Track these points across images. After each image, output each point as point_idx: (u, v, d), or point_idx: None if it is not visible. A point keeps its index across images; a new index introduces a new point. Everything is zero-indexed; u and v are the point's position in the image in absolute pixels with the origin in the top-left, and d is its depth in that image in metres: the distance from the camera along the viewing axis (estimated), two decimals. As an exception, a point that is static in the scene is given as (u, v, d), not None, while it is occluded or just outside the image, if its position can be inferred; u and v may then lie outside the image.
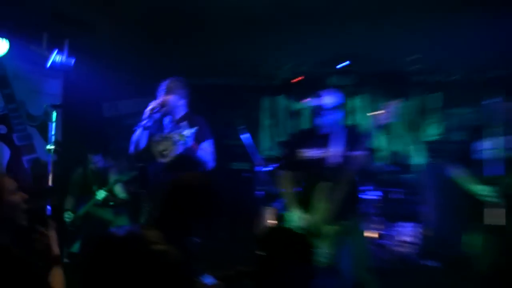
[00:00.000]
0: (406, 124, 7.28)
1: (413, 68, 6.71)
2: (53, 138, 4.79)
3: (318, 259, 3.41)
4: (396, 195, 6.70)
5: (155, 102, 4.00)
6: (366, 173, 4.17)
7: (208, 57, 7.57)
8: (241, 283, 2.43)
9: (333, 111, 3.74)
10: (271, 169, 6.96)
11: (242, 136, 6.85)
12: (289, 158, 3.90)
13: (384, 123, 3.60)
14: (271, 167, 6.96)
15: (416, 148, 7.22)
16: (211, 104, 7.76)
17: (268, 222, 6.78)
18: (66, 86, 6.38)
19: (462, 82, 6.63)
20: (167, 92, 4.02)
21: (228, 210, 4.16)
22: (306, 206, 3.63)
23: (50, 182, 4.63)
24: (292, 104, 7.98)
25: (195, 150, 3.90)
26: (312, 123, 3.86)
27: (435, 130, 7.04)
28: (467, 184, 3.80)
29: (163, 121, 4.11)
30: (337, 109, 3.77)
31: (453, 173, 3.98)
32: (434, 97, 7.11)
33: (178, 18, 6.92)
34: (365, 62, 6.94)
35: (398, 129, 7.34)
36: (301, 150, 3.78)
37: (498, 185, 3.61)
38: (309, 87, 7.37)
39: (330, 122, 3.76)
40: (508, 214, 3.53)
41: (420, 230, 6.11)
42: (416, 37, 6.44)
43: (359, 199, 4.02)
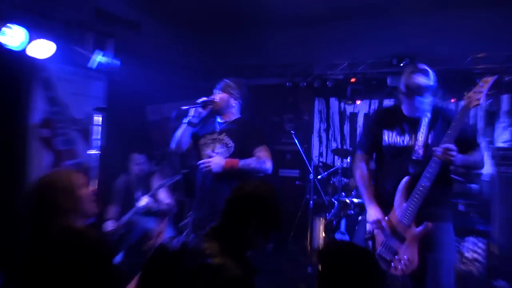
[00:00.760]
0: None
1: (479, 67, 6.47)
2: (97, 143, 4.85)
3: (394, 272, 3.14)
4: (460, 207, 6.45)
5: (206, 98, 3.89)
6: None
7: (258, 57, 7.58)
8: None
9: (427, 91, 3.22)
10: (323, 177, 6.91)
11: (293, 141, 6.83)
12: (369, 137, 3.50)
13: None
14: (323, 175, 6.89)
15: (484, 155, 6.93)
16: (260, 106, 7.74)
17: (321, 234, 6.68)
18: (111, 89, 6.46)
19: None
20: (224, 90, 3.90)
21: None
22: (386, 204, 3.28)
23: (93, 189, 4.69)
24: (346, 107, 7.89)
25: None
26: (400, 103, 3.38)
27: (506, 135, 6.78)
28: None
29: (214, 121, 4.01)
30: (431, 89, 3.25)
31: None
32: (504, 99, 6.83)
33: (229, 18, 6.96)
34: (425, 61, 6.71)
35: None
36: (385, 130, 3.38)
37: None
38: (365, 89, 7.29)
39: (422, 103, 3.24)
40: None
41: (487, 246, 5.84)
42: (482, 32, 6.22)
43: (451, 201, 3.53)
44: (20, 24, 4.79)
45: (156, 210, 5.45)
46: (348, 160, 6.97)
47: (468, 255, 5.85)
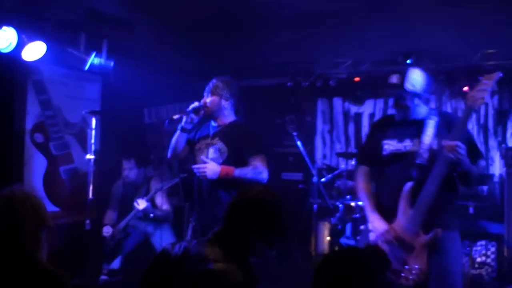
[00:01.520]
0: (482, 128, 7.04)
1: (490, 63, 6.44)
2: (93, 147, 4.88)
3: (406, 282, 3.13)
4: (470, 210, 6.43)
5: (197, 103, 3.90)
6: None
7: (257, 56, 7.53)
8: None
9: (424, 93, 3.34)
10: (327, 180, 6.90)
11: (295, 143, 6.80)
12: (369, 150, 3.59)
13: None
14: (328, 178, 6.89)
15: (494, 155, 6.96)
16: (260, 108, 7.79)
17: (326, 239, 6.68)
18: (105, 91, 6.49)
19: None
20: (213, 92, 3.91)
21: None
22: (389, 213, 3.31)
23: (90, 194, 4.73)
24: (351, 107, 7.89)
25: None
26: (398, 109, 3.44)
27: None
28: None
29: (208, 125, 4.04)
30: (428, 92, 3.38)
31: None
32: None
33: (224, 15, 6.94)
34: (431, 59, 6.76)
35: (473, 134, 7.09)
36: (384, 141, 3.44)
37: None
38: (369, 88, 7.30)
39: (419, 107, 3.35)
40: None
41: (498, 250, 5.86)
42: (492, 29, 6.19)
43: (454, 206, 3.48)
44: (10, 26, 4.81)
45: (154, 216, 5.50)
46: (353, 163, 6.94)
47: (479, 259, 5.89)
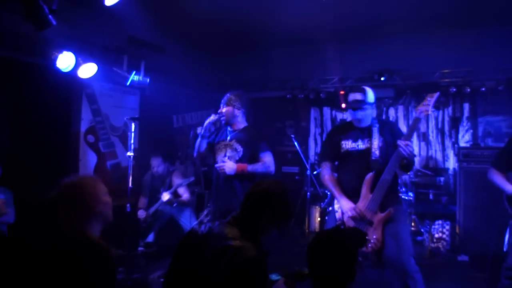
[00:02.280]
0: (440, 132, 7.10)
1: (445, 80, 6.50)
2: (132, 146, 4.93)
3: (365, 250, 3.26)
4: (430, 196, 6.53)
5: (214, 115, 3.93)
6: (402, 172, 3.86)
7: (263, 73, 7.62)
8: (302, 281, 2.37)
9: (371, 105, 3.47)
10: (318, 172, 6.94)
11: (293, 143, 6.87)
12: (330, 149, 3.64)
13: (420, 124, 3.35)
14: (318, 171, 6.93)
15: (449, 153, 7.02)
16: (266, 115, 7.81)
17: (317, 219, 6.73)
18: (143, 101, 6.49)
19: (493, 92, 6.42)
20: (227, 104, 3.93)
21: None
22: (353, 196, 3.40)
23: (130, 184, 4.79)
24: (337, 114, 7.90)
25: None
26: (354, 117, 3.57)
27: (467, 137, 6.84)
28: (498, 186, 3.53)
29: (226, 130, 4.03)
30: (374, 104, 3.51)
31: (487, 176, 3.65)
32: (466, 107, 6.90)
33: (238, 40, 7.04)
34: (401, 76, 6.79)
35: (433, 136, 7.16)
36: (343, 141, 3.54)
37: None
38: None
39: (368, 116, 3.48)
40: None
41: (452, 228, 5.90)
42: (448, 51, 6.30)
43: (399, 190, 3.68)
44: (69, 50, 4.84)
45: (177, 204, 5.52)
46: None
47: (437, 235, 5.92)
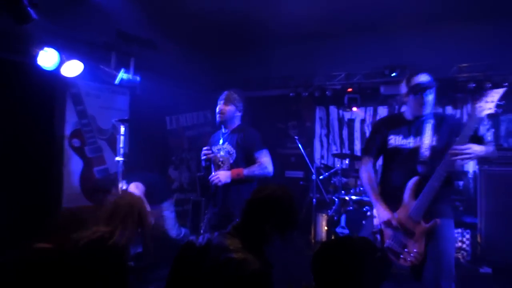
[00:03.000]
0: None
1: (463, 75, 6.44)
2: (121, 150, 4.93)
3: (404, 263, 3.14)
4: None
5: (207, 152, 3.94)
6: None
7: (264, 71, 7.61)
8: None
9: (430, 87, 3.23)
10: (325, 177, 6.90)
11: (297, 146, 6.83)
12: (374, 142, 3.47)
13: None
14: (325, 175, 6.90)
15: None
16: (267, 115, 7.81)
17: (324, 229, 6.68)
18: (133, 102, 6.51)
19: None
20: (230, 101, 3.94)
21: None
22: (394, 201, 3.25)
23: (119, 191, 4.75)
24: (344, 114, 7.90)
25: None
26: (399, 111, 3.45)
27: (488, 137, 6.79)
28: None
29: (219, 132, 4.07)
30: (433, 86, 3.26)
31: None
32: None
33: (236, 35, 6.99)
34: (413, 72, 6.75)
35: None
36: (390, 137, 3.38)
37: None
38: (361, 97, 7.31)
39: (427, 101, 3.23)
40: None
41: (473, 237, 5.78)
42: (466, 44, 6.25)
43: (452, 199, 3.33)
44: (52, 47, 4.84)
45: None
46: (347, 162, 6.96)
47: (456, 245, 5.84)
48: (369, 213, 3.91)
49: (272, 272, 2.21)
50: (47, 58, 4.78)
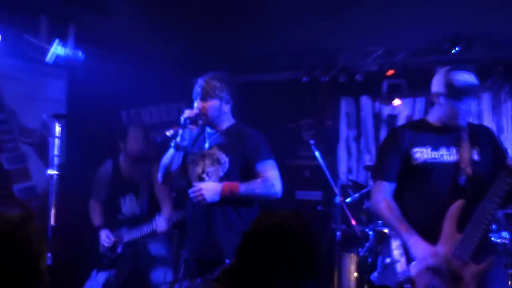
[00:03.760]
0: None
1: None
2: (56, 160, 4.86)
3: None
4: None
5: (191, 111, 3.97)
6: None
7: (265, 45, 7.53)
8: None
9: (477, 91, 3.59)
10: (354, 200, 6.88)
11: (313, 154, 6.77)
12: (393, 162, 3.66)
13: None
14: (354, 198, 6.86)
15: None
16: (269, 109, 7.85)
17: (353, 275, 6.69)
18: (72, 89, 6.54)
19: None
20: (210, 95, 3.97)
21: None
22: (428, 235, 3.41)
23: (52, 220, 4.69)
24: (383, 108, 7.90)
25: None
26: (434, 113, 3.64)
27: None
28: None
29: (203, 132, 4.14)
30: (474, 94, 3.57)
31: None
32: None
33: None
34: (486, 46, 6.80)
35: None
36: (414, 149, 3.58)
37: None
38: (407, 83, 7.26)
39: (469, 108, 3.55)
40: None
41: None
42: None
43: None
44: None
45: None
46: None
47: None
48: (388, 260, 4.01)
49: None
50: None
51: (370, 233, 6.57)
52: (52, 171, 4.85)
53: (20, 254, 2.26)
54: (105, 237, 5.60)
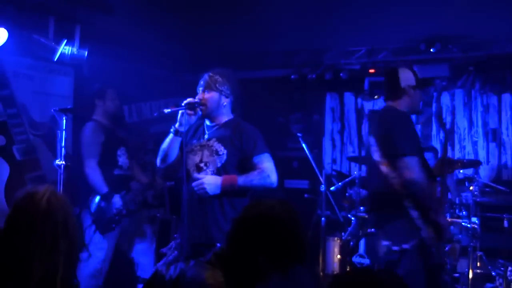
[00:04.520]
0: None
1: None
2: (63, 151, 4.87)
3: None
4: (504, 223, 6.46)
5: (193, 99, 3.94)
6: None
7: (257, 43, 7.56)
8: None
9: (428, 86, 3.85)
10: (338, 189, 6.94)
11: (301, 146, 6.83)
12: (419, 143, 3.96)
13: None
14: (338, 186, 6.93)
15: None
16: (260, 104, 7.78)
17: (337, 257, 6.66)
18: (78, 85, 6.47)
19: None
20: (211, 87, 3.96)
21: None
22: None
23: None
24: (364, 103, 7.95)
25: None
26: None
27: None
28: None
29: (202, 124, 4.11)
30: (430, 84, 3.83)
31: None
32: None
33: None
34: (462, 46, 6.81)
35: (508, 135, 7.20)
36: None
37: None
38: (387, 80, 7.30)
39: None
40: None
41: None
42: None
43: None
44: None
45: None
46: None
47: None
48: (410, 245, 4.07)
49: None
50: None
51: (352, 219, 6.62)
52: (60, 162, 4.86)
53: (49, 221, 2.28)
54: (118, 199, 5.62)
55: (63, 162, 4.88)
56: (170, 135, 3.97)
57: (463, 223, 6.07)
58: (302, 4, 6.90)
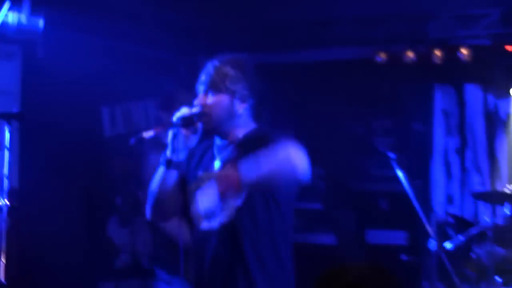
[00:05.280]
0: None
1: None
2: (5, 182, 4.90)
3: None
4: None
5: (189, 109, 3.93)
6: None
7: (315, 8, 7.64)
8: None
9: None
10: (458, 246, 6.93)
11: (393, 174, 6.83)
12: None
13: None
14: (458, 241, 6.91)
15: None
16: (320, 105, 7.99)
17: None
18: (29, 74, 6.63)
19: None
20: (216, 87, 3.90)
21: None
22: None
23: (2, 276, 4.76)
24: (499, 102, 7.97)
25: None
26: None
27: None
28: None
29: (211, 145, 4.08)
30: None
31: None
32: None
33: None
34: None
35: None
36: None
37: None
38: None
39: None
40: None
41: None
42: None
43: None
44: None
45: None
46: (508, 212, 7.03)
47: None
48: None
49: None
50: None
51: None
52: (2, 201, 4.96)
53: None
54: None
55: (7, 202, 4.90)
56: (161, 169, 3.96)
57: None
58: None
